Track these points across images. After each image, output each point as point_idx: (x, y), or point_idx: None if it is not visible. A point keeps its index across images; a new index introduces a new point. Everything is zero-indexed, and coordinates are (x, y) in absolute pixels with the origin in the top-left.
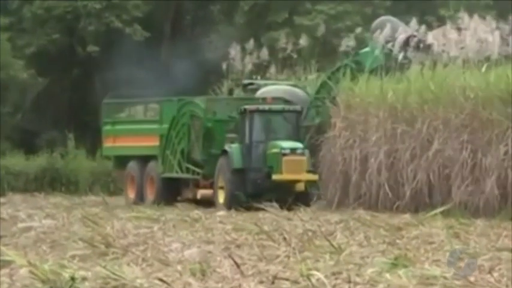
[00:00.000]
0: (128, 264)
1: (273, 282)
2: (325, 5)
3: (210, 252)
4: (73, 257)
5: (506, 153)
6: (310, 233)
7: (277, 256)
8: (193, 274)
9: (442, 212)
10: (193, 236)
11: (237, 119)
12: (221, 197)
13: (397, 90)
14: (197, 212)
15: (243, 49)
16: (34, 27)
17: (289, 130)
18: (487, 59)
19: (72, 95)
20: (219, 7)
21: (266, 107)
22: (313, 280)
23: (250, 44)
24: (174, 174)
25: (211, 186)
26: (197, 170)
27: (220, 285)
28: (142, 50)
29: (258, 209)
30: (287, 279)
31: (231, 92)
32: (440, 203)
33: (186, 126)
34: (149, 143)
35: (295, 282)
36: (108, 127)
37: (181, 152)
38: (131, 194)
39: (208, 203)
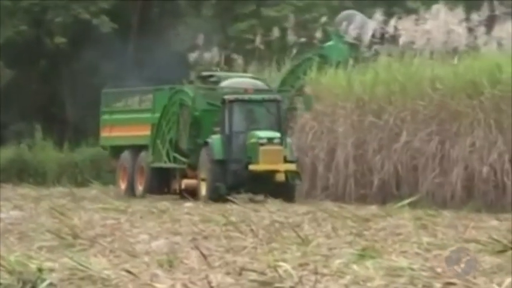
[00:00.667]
0: (95, 256)
1: (240, 274)
2: None
3: (177, 243)
4: (40, 248)
5: (473, 144)
6: (277, 224)
7: (245, 247)
8: (160, 265)
9: (409, 204)
10: (160, 227)
11: None
12: (203, 188)
13: (364, 82)
14: (164, 203)
15: (211, 41)
16: (1, 19)
17: (270, 120)
18: (455, 50)
19: (40, 86)
20: None
21: (246, 96)
22: (280, 271)
23: (218, 35)
24: (162, 164)
25: (196, 176)
26: (183, 159)
27: (187, 276)
28: (109, 42)
29: (226, 201)
30: (254, 271)
31: (191, 84)
32: (408, 194)
33: (176, 115)
34: (142, 133)
35: (262, 273)
36: (105, 117)
37: (170, 141)
38: (123, 185)
39: (193, 194)
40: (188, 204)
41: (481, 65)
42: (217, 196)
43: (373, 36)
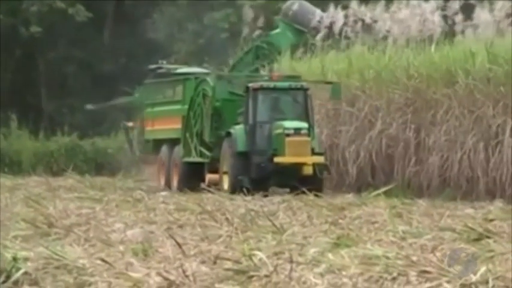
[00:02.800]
0: (70, 245)
1: (214, 262)
2: None
3: (152, 232)
4: (15, 237)
5: (448, 133)
6: (252, 213)
7: (220, 236)
8: (135, 254)
9: (385, 192)
10: (135, 216)
11: None
12: (226, 182)
13: (338, 70)
14: (140, 192)
15: (186, 29)
16: None
17: (296, 109)
18: (430, 38)
19: (15, 75)
20: None
21: (271, 84)
22: (255, 260)
23: (193, 24)
24: (191, 159)
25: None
26: (207, 153)
27: (162, 265)
28: (85, 31)
29: (201, 190)
30: (229, 259)
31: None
32: (383, 183)
33: (200, 107)
34: (176, 126)
35: (237, 262)
36: (148, 109)
37: (196, 134)
38: (161, 180)
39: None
40: (163, 193)
41: (455, 53)
42: (240, 190)
43: (319, 23)
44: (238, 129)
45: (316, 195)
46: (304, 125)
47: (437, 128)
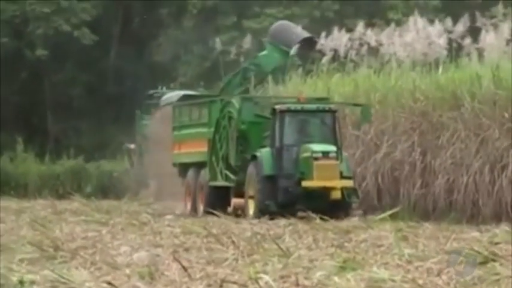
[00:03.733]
0: (77, 268)
1: (221, 286)
2: (273, 8)
3: (158, 255)
4: (22, 260)
5: (455, 156)
6: (258, 236)
7: (226, 259)
8: (141, 277)
9: (390, 215)
10: (141, 239)
11: None
12: (251, 207)
13: (344, 93)
14: (146, 216)
15: (192, 52)
16: None
17: (324, 132)
18: (436, 61)
19: (21, 98)
20: (168, 10)
21: (298, 106)
22: (262, 283)
23: (199, 47)
24: (217, 183)
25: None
26: (233, 177)
27: None
28: (91, 53)
29: (207, 213)
30: (235, 283)
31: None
32: (389, 205)
33: (226, 130)
34: (201, 149)
35: (244, 285)
36: (176, 132)
37: (222, 157)
38: (188, 204)
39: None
40: (169, 216)
41: (461, 76)
42: (266, 215)
43: (307, 45)
44: (264, 153)
45: (321, 219)
46: (333, 148)
47: (443, 151)
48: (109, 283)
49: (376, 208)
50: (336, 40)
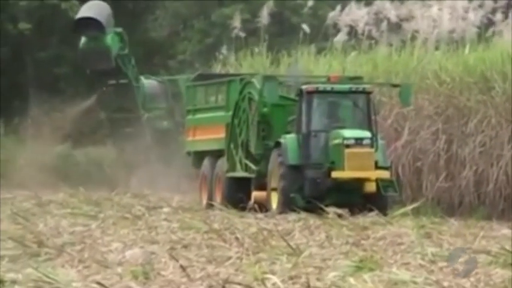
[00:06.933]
0: (63, 266)
1: (223, 287)
2: None
3: (153, 253)
4: (2, 257)
5: (484, 144)
6: (265, 233)
7: (229, 258)
8: (135, 277)
9: (412, 210)
10: (135, 235)
11: None
12: (274, 201)
13: (361, 73)
14: (139, 208)
15: (192, 27)
16: None
17: (358, 116)
18: (463, 40)
19: (0, 77)
20: None
21: (328, 87)
22: (269, 284)
23: (200, 21)
24: (235, 173)
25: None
26: (253, 167)
27: None
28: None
29: (211, 206)
30: (239, 284)
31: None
32: (411, 199)
33: (246, 113)
34: (219, 135)
35: (248, 286)
36: (189, 116)
37: (242, 145)
38: (204, 197)
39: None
40: (166, 209)
41: (492, 56)
42: (291, 209)
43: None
44: (289, 139)
45: (337, 214)
46: (367, 134)
47: (471, 138)
48: (99, 283)
49: (396, 202)
50: (352, 14)
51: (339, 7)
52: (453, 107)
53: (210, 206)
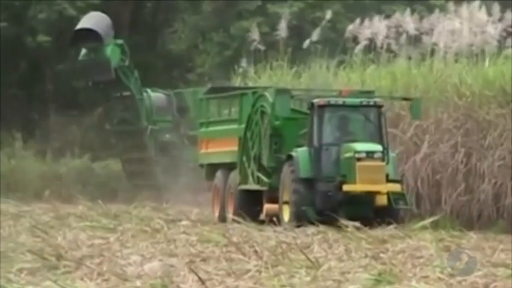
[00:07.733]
0: (82, 279)
1: None
2: None
3: (172, 266)
4: (21, 270)
5: (503, 158)
6: (284, 246)
7: (248, 271)
8: None
9: (431, 223)
10: (154, 248)
11: None
12: (286, 213)
13: (380, 87)
14: (158, 221)
15: (211, 40)
16: None
17: (369, 129)
18: (483, 53)
19: (20, 89)
20: None
21: (340, 100)
22: None
23: (219, 34)
24: (248, 186)
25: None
26: (265, 179)
27: None
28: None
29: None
30: None
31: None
32: (430, 213)
33: (258, 126)
34: (231, 148)
35: None
36: (202, 129)
37: (254, 158)
38: (216, 210)
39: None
40: (184, 222)
41: (511, 69)
42: (303, 222)
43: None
44: (301, 152)
45: (355, 227)
46: (378, 147)
47: (490, 152)
48: None
49: (415, 215)
50: (372, 27)
51: (358, 20)
52: (472, 120)
53: (223, 218)
